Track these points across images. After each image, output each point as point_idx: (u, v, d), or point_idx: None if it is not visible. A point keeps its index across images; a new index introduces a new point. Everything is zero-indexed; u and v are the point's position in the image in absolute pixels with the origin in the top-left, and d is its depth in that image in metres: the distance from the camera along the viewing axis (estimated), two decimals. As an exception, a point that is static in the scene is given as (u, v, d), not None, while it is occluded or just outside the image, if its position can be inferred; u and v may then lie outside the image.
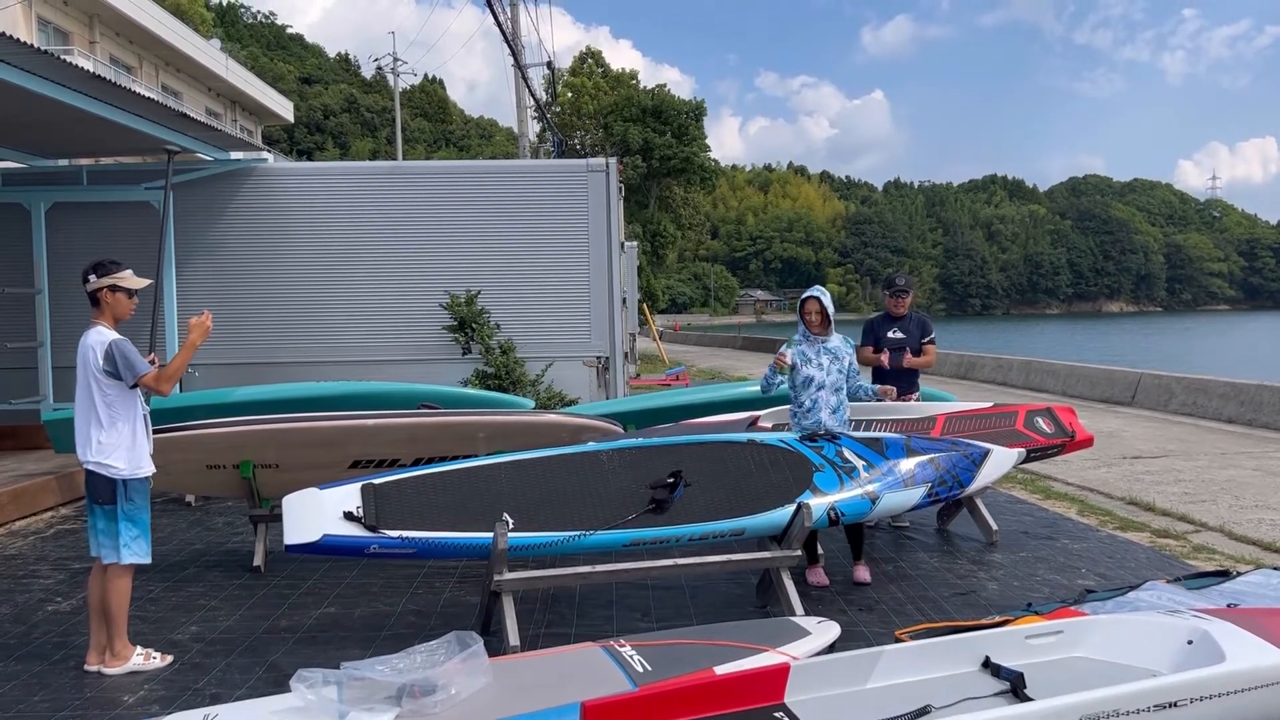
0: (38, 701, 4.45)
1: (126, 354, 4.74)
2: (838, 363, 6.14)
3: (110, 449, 4.75)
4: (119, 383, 4.76)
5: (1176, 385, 14.95)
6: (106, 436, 4.75)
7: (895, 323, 7.66)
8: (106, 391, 4.76)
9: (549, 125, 37.81)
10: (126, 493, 4.79)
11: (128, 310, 4.93)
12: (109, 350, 4.73)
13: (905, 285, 7.73)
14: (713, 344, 42.75)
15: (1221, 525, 7.53)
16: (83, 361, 4.79)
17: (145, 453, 4.88)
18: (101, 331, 4.81)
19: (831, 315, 6.15)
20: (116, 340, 4.78)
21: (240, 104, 33.46)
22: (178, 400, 9.10)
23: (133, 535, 4.80)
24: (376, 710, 3.65)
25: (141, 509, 4.85)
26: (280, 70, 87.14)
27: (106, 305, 4.86)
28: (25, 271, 10.89)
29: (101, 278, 4.83)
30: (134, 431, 4.82)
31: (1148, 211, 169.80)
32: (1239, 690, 3.68)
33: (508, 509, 4.94)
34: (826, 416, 6.09)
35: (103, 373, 4.74)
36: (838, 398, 6.14)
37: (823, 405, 6.09)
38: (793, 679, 3.75)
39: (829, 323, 6.15)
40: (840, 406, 6.16)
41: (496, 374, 11.01)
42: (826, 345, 6.14)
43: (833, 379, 6.12)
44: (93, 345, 4.78)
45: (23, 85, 7.62)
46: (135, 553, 4.81)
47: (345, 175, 12.01)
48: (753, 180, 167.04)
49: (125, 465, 4.77)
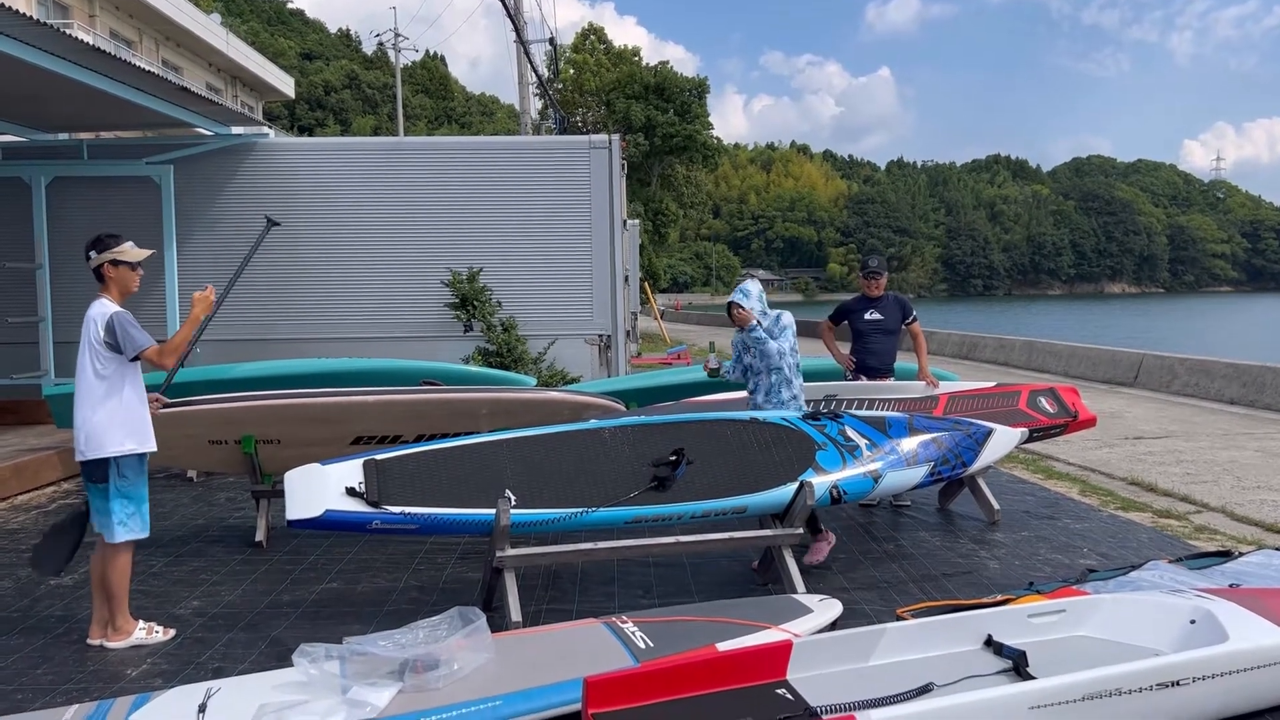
0: (40, 675, 4.46)
1: (127, 326, 4.70)
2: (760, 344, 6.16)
3: (101, 426, 4.68)
4: (118, 356, 4.71)
5: (1179, 366, 14.93)
6: (98, 413, 4.68)
7: (872, 304, 7.71)
8: (105, 365, 4.70)
9: (551, 102, 37.61)
10: (119, 469, 4.73)
11: (133, 283, 4.89)
12: (110, 322, 4.69)
13: (879, 267, 7.77)
14: (714, 323, 42.71)
15: (1223, 506, 7.53)
16: (85, 335, 4.76)
17: (141, 429, 4.81)
18: (104, 304, 4.78)
19: (753, 309, 6.15)
20: (118, 312, 4.73)
21: (241, 79, 33.26)
22: (179, 375, 9.10)
23: (128, 512, 4.76)
24: (379, 685, 3.66)
25: (136, 484, 4.80)
26: (281, 46, 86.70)
27: (110, 280, 4.82)
28: (26, 246, 10.85)
29: (101, 253, 4.80)
30: (129, 407, 4.76)
31: (1151, 192, 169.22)
32: (1241, 670, 3.69)
33: (510, 486, 4.93)
34: (761, 398, 6.19)
35: (103, 344, 4.69)
36: (771, 378, 6.17)
37: (761, 388, 6.21)
38: (795, 656, 3.75)
39: (746, 318, 6.17)
40: (774, 387, 6.16)
41: (498, 351, 10.99)
42: (754, 334, 6.17)
43: (760, 363, 6.21)
44: (94, 318, 4.74)
45: (22, 58, 7.57)
46: (131, 529, 4.77)
47: (347, 151, 11.95)
48: (755, 159, 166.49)
49: (118, 441, 4.70)
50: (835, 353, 7.89)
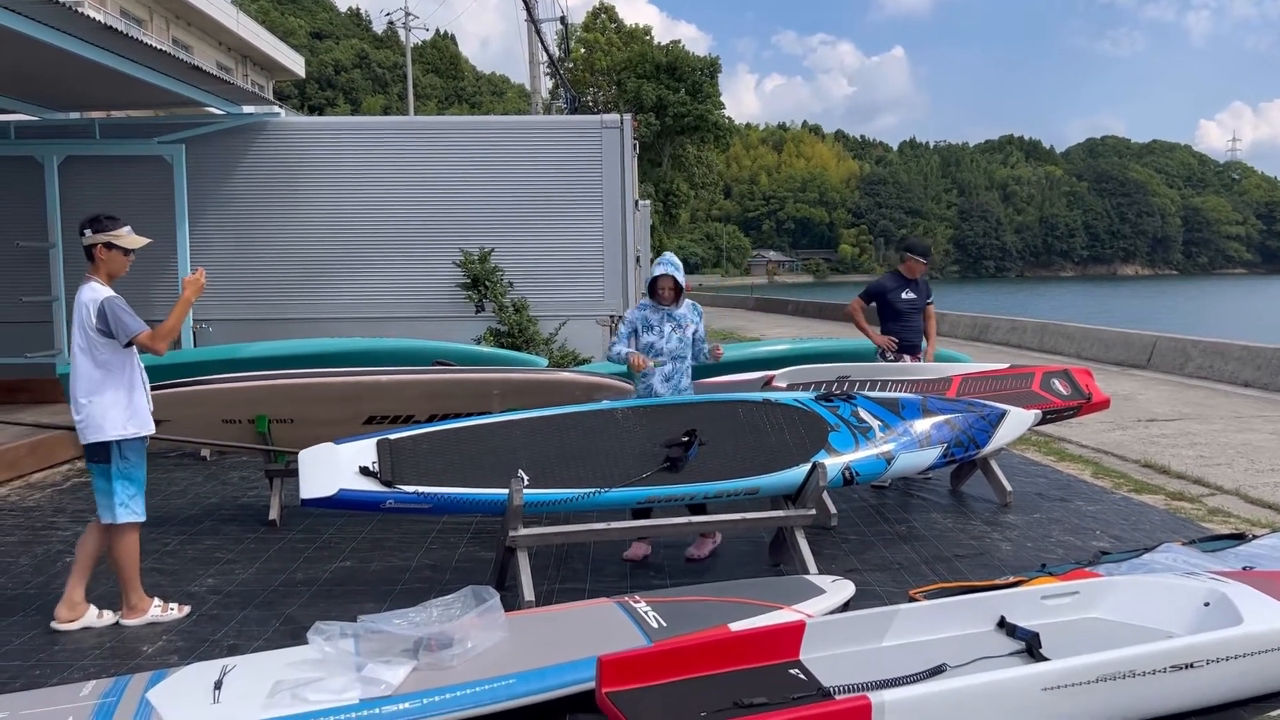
0: (57, 651, 4.50)
1: (119, 312, 4.65)
2: (680, 330, 5.91)
3: (103, 409, 4.67)
4: (112, 341, 4.67)
5: (1193, 349, 14.85)
6: (99, 396, 4.67)
7: (908, 284, 7.80)
8: (100, 350, 4.68)
9: (562, 81, 37.47)
10: (121, 452, 4.73)
11: (123, 267, 4.83)
12: (101, 308, 4.64)
13: (928, 250, 8.00)
14: (725, 305, 42.64)
15: (1237, 488, 7.50)
16: (77, 318, 4.71)
17: (141, 411, 4.80)
18: (95, 288, 4.72)
19: (684, 286, 5.94)
20: (110, 298, 4.67)
21: (251, 58, 33.17)
22: (192, 355, 9.14)
23: (129, 494, 4.75)
24: (393, 663, 3.67)
25: (136, 467, 4.80)
26: (291, 25, 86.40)
27: (101, 261, 4.76)
28: (39, 225, 10.88)
29: (97, 233, 4.74)
30: (129, 390, 4.75)
31: (1166, 174, 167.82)
32: (1256, 652, 3.68)
33: (522, 466, 4.94)
34: (659, 383, 5.90)
35: (96, 331, 4.66)
36: (674, 365, 5.92)
37: (656, 372, 5.89)
38: (808, 636, 3.76)
39: (680, 295, 5.95)
40: (676, 374, 5.94)
41: (510, 332, 11.00)
42: (672, 313, 5.93)
43: (671, 346, 5.90)
44: (86, 303, 4.69)
45: (34, 36, 7.56)
46: (133, 511, 4.76)
47: (359, 130, 11.92)
48: (767, 139, 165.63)
49: (118, 424, 4.69)
50: (870, 332, 7.91)
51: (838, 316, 29.56)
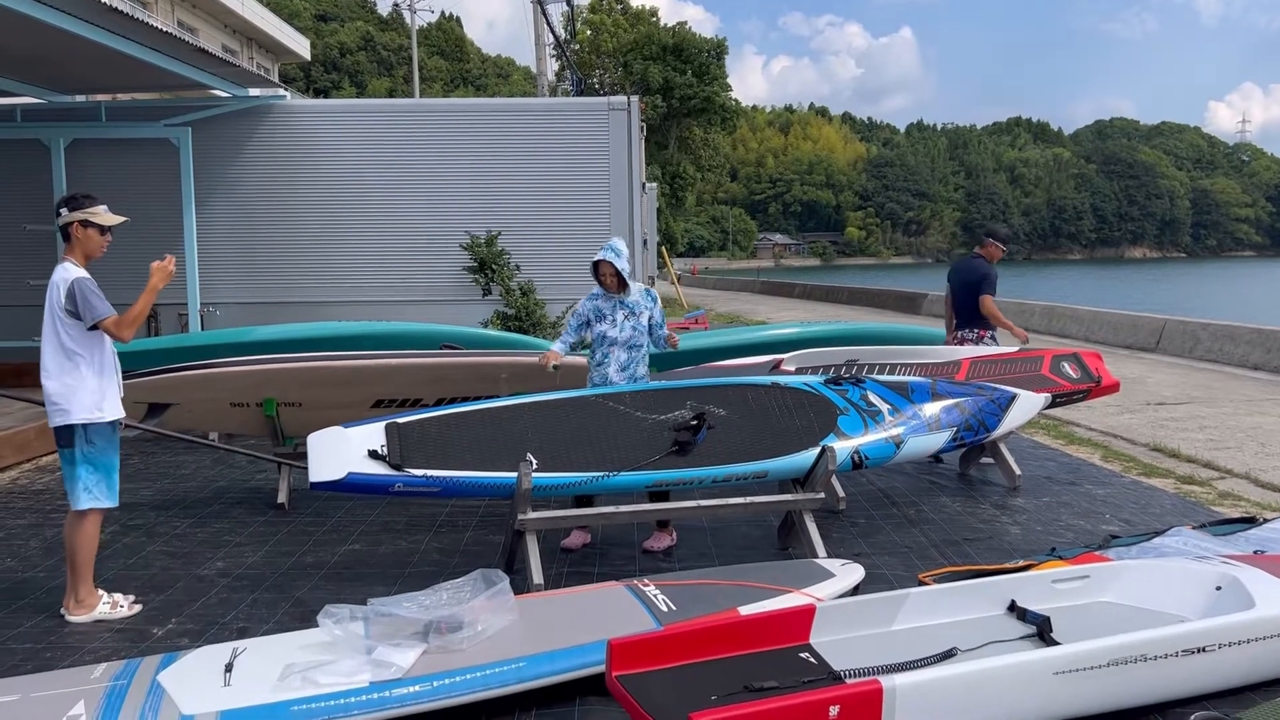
0: (67, 634, 4.51)
1: (87, 294, 4.56)
2: (634, 318, 5.74)
3: (70, 392, 4.59)
4: (80, 323, 4.59)
5: (1202, 331, 14.78)
6: (66, 378, 4.59)
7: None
8: (69, 332, 4.60)
9: (568, 64, 37.32)
10: (87, 436, 4.63)
11: (99, 247, 4.76)
12: (71, 289, 4.56)
13: (1010, 238, 8.37)
14: (731, 288, 42.55)
15: (1247, 472, 7.47)
16: (48, 299, 4.63)
17: (110, 396, 4.71)
18: (68, 268, 4.65)
19: (626, 272, 5.74)
20: (80, 278, 4.59)
21: (256, 41, 33.07)
22: (200, 339, 9.14)
23: (94, 479, 4.65)
24: (404, 646, 3.68)
25: (105, 451, 4.68)
26: (296, 7, 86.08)
27: (77, 241, 4.69)
28: (46, 208, 10.86)
29: (73, 211, 4.67)
30: (98, 373, 4.66)
31: (1175, 155, 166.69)
32: (1268, 636, 3.67)
33: (531, 449, 4.94)
34: (614, 372, 5.73)
35: (65, 312, 4.58)
36: (629, 354, 5.75)
37: (611, 361, 5.74)
38: (818, 620, 3.75)
39: (624, 281, 5.77)
40: (631, 363, 5.76)
41: (517, 315, 10.98)
42: (624, 301, 5.77)
43: (625, 335, 5.73)
44: (57, 283, 4.62)
45: (39, 18, 7.53)
46: (95, 497, 4.65)
47: (365, 112, 11.89)
48: (773, 121, 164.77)
49: (85, 408, 4.60)
50: (1013, 327, 8.10)
51: (844, 299, 29.51)
